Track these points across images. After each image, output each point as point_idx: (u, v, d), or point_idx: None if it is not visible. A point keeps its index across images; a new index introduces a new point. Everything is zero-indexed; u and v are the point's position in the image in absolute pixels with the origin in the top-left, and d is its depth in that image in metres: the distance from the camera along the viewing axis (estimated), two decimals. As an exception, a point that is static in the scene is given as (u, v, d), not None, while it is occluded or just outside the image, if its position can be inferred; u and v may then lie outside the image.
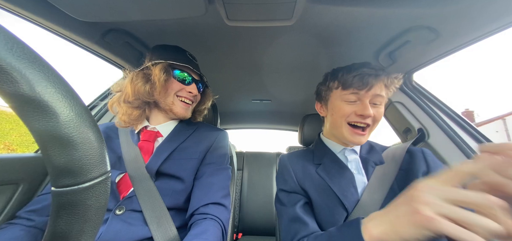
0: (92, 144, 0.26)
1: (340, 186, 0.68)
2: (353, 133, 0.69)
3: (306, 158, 0.81)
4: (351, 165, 0.74)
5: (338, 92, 0.73)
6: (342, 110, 0.71)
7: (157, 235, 0.62)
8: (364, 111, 0.66)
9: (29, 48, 0.23)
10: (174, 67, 0.75)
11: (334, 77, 0.73)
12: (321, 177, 0.71)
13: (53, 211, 0.26)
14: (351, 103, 0.70)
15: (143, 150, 0.73)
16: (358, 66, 0.69)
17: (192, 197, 0.71)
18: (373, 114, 0.67)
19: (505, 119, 13.60)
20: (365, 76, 0.66)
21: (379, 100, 0.69)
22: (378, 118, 0.69)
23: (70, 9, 0.64)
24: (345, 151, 0.76)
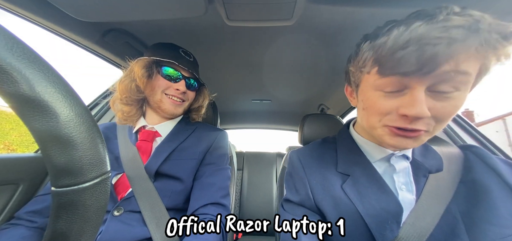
0: (92, 144, 0.26)
1: (378, 219, 0.46)
2: (395, 134, 0.44)
3: (326, 161, 0.59)
4: (398, 177, 0.51)
5: (372, 76, 0.45)
6: (377, 106, 0.45)
7: (156, 235, 0.61)
8: (410, 109, 0.39)
9: (29, 48, 0.23)
10: (162, 64, 0.73)
11: (371, 48, 0.44)
12: (349, 198, 0.50)
13: (53, 211, 0.26)
14: (393, 95, 0.43)
15: (141, 149, 0.73)
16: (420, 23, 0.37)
17: (192, 198, 0.71)
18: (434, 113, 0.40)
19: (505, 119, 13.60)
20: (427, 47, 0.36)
21: (455, 84, 0.38)
22: (443, 118, 0.41)
23: (70, 9, 0.64)
24: (393, 158, 0.52)
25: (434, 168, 0.51)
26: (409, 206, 0.48)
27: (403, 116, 0.41)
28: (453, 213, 0.45)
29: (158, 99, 0.74)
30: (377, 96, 0.45)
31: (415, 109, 0.39)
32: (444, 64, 0.36)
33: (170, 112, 0.76)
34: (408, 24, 0.38)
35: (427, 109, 0.39)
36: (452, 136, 0.91)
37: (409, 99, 0.40)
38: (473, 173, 0.48)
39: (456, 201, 0.46)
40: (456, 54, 0.36)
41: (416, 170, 0.51)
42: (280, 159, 2.00)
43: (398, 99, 0.42)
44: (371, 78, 0.45)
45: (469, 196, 0.46)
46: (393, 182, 0.51)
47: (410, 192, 0.50)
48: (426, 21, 0.37)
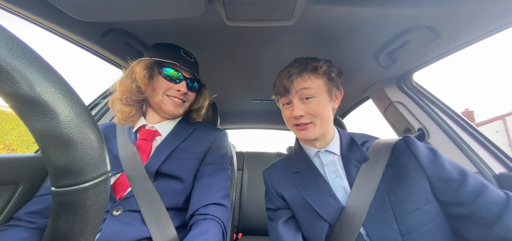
0: (92, 144, 0.26)
1: (316, 197, 0.64)
2: (298, 131, 0.69)
3: (286, 167, 0.79)
4: (328, 168, 0.68)
5: (279, 99, 0.74)
6: (285, 116, 0.73)
7: (156, 235, 0.61)
8: (294, 112, 0.66)
9: (29, 48, 0.23)
10: (163, 65, 0.73)
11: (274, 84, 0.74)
12: (298, 190, 0.69)
13: (53, 211, 0.26)
14: (287, 107, 0.71)
15: (140, 149, 0.73)
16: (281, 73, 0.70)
17: (192, 198, 0.71)
18: (306, 110, 0.65)
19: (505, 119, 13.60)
20: (283, 80, 0.67)
21: (308, 93, 0.65)
22: (314, 112, 0.65)
23: (70, 9, 0.64)
24: (320, 153, 0.71)
25: (361, 158, 0.66)
26: (342, 189, 0.64)
27: (294, 118, 0.67)
28: (382, 192, 0.59)
29: (159, 101, 0.74)
30: (283, 109, 0.74)
31: (294, 112, 0.66)
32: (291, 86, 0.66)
33: (171, 113, 0.76)
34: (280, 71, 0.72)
35: (301, 111, 0.65)
36: (452, 136, 0.91)
37: (292, 108, 0.67)
38: (400, 159, 0.61)
39: (385, 182, 0.60)
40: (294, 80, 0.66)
41: (346, 162, 0.67)
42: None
43: (289, 109, 0.69)
44: (280, 100, 0.74)
45: (394, 178, 0.59)
46: (324, 172, 0.69)
47: (339, 178, 0.66)
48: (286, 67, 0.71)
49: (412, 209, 0.54)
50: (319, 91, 0.66)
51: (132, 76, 0.72)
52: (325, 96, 0.67)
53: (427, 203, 0.54)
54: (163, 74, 0.73)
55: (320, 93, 0.66)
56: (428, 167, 0.57)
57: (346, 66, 1.04)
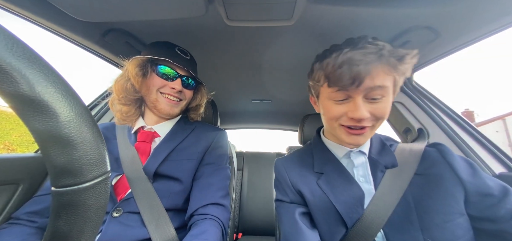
0: (92, 144, 0.26)
1: (346, 205, 0.57)
2: (349, 134, 0.57)
3: (304, 163, 0.71)
4: (358, 171, 0.62)
5: (325, 89, 0.58)
6: (331, 111, 0.58)
7: (156, 236, 0.61)
8: (355, 113, 0.53)
9: (29, 48, 0.23)
10: (157, 62, 0.72)
11: (320, 67, 0.58)
12: (323, 191, 0.61)
13: (53, 211, 0.26)
14: (341, 103, 0.56)
15: (140, 150, 0.73)
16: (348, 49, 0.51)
17: (191, 198, 0.71)
18: (371, 113, 0.54)
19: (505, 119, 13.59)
20: (353, 67, 0.49)
21: (380, 93, 0.52)
22: (380, 115, 0.54)
23: (70, 9, 0.64)
24: (351, 154, 0.64)
25: (389, 163, 0.61)
26: (368, 194, 0.58)
27: (351, 119, 0.55)
28: (408, 201, 0.54)
29: (154, 99, 0.73)
30: (331, 104, 0.58)
31: (358, 113, 0.53)
32: (366, 79, 0.50)
33: (166, 112, 0.75)
34: (341, 49, 0.53)
35: (366, 111, 0.53)
36: (452, 136, 0.91)
37: (353, 106, 0.54)
38: (432, 168, 0.57)
39: (411, 191, 0.55)
40: (371, 71, 0.50)
41: (373, 166, 0.61)
42: (280, 159, 2.00)
43: (345, 106, 0.56)
44: (325, 90, 0.59)
45: (424, 187, 0.55)
46: (354, 174, 0.62)
47: (368, 182, 0.60)
48: (352, 47, 0.51)
49: (443, 221, 0.50)
50: (390, 90, 0.54)
51: (126, 75, 0.72)
52: (392, 94, 0.56)
53: (460, 216, 0.51)
54: (157, 72, 0.72)
55: (390, 92, 0.54)
56: (468, 179, 0.52)
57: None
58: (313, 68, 0.63)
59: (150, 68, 0.72)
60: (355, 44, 0.52)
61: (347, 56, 0.50)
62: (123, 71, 0.74)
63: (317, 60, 0.61)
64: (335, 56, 0.53)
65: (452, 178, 0.53)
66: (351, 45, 0.52)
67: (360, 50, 0.50)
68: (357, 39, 0.54)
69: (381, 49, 0.50)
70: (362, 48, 0.51)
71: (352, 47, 0.51)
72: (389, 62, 0.50)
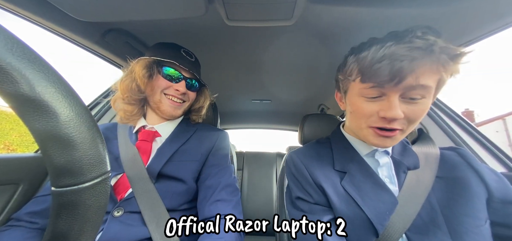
0: (92, 144, 0.26)
1: (377, 211, 0.52)
2: (377, 135, 0.53)
3: (323, 158, 0.64)
4: (382, 171, 0.58)
5: (357, 84, 0.53)
6: (361, 109, 0.53)
7: (156, 235, 0.61)
8: (388, 112, 0.48)
9: (29, 48, 0.23)
10: (163, 64, 0.72)
11: (355, 60, 0.53)
12: (349, 194, 0.55)
13: (53, 211, 0.26)
14: (373, 100, 0.51)
15: (140, 149, 0.73)
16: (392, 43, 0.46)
17: (199, 202, 0.72)
18: (406, 114, 0.48)
19: (505, 119, 13.59)
20: (395, 62, 0.44)
21: (420, 93, 0.47)
22: (415, 118, 0.49)
23: (70, 9, 0.64)
24: (376, 153, 0.59)
25: (412, 165, 0.58)
26: None
27: (383, 118, 0.50)
28: (432, 204, 0.52)
29: (157, 100, 0.74)
30: (361, 101, 0.53)
31: (392, 112, 0.47)
32: (408, 77, 0.45)
33: (169, 113, 0.75)
34: (383, 42, 0.47)
35: (401, 112, 0.48)
36: (452, 136, 0.91)
37: (387, 104, 0.49)
38: (455, 172, 0.54)
39: (435, 194, 0.53)
40: (416, 69, 0.44)
41: (396, 166, 0.58)
42: (280, 159, 2.00)
43: (378, 104, 0.51)
44: (356, 86, 0.54)
45: (449, 191, 0.52)
46: (378, 175, 0.58)
47: (393, 184, 0.56)
48: (396, 41, 0.46)
49: (474, 226, 0.47)
50: (432, 91, 0.49)
51: (132, 75, 0.72)
52: (433, 96, 0.50)
53: (486, 221, 0.49)
54: (163, 73, 0.72)
55: (432, 93, 0.49)
56: (494, 186, 0.51)
57: (346, 66, 1.04)
58: (346, 61, 0.57)
59: (155, 69, 0.73)
60: (400, 37, 0.47)
61: (390, 51, 0.45)
62: (128, 71, 0.74)
63: (352, 53, 0.55)
64: (376, 49, 0.47)
65: (477, 183, 0.51)
66: (396, 39, 0.47)
67: (405, 45, 0.45)
68: (404, 32, 0.48)
69: (432, 44, 0.44)
70: (409, 42, 0.45)
71: (397, 41, 0.46)
72: (439, 60, 0.44)
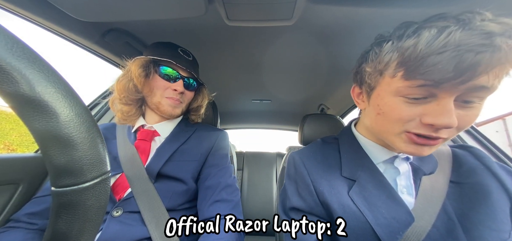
0: (92, 144, 0.26)
1: (389, 229, 0.44)
2: (412, 143, 0.42)
3: (329, 162, 0.57)
4: (400, 180, 0.50)
5: (396, 81, 0.41)
6: (398, 112, 0.42)
7: (156, 235, 0.61)
8: (439, 119, 0.37)
9: (29, 48, 0.23)
10: (160, 63, 0.72)
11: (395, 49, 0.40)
12: (357, 206, 0.47)
13: (53, 211, 0.26)
14: (416, 102, 0.40)
15: (139, 149, 0.73)
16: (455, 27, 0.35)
17: (199, 202, 0.72)
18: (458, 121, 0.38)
19: (505, 119, 13.58)
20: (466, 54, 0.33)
21: (481, 95, 0.37)
22: (464, 127, 0.40)
23: (70, 9, 0.64)
24: (396, 160, 0.51)
25: (429, 170, 0.51)
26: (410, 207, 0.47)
27: (429, 125, 0.39)
28: (449, 214, 0.45)
29: (157, 101, 0.73)
30: (398, 102, 0.42)
31: (444, 120, 0.37)
32: (482, 74, 0.33)
33: (168, 113, 0.75)
34: (440, 28, 0.35)
35: (456, 119, 0.37)
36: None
37: (436, 108, 0.38)
38: (471, 176, 0.47)
39: (450, 202, 0.46)
40: (498, 64, 0.33)
41: (414, 173, 0.51)
42: (280, 159, 2.00)
43: (422, 107, 0.40)
44: (393, 82, 0.41)
45: (467, 199, 0.45)
46: (396, 185, 0.50)
47: (410, 195, 0.49)
48: (461, 25, 0.34)
49: (499, 239, 0.41)
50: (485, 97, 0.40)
51: (128, 75, 0.72)
52: None
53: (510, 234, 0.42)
54: (160, 73, 0.72)
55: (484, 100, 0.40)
56: None
57: (346, 66, 1.04)
58: (382, 49, 0.43)
59: (152, 69, 0.72)
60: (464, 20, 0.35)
61: (456, 38, 0.33)
62: (125, 71, 0.74)
63: (389, 40, 0.42)
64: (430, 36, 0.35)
65: (498, 190, 0.45)
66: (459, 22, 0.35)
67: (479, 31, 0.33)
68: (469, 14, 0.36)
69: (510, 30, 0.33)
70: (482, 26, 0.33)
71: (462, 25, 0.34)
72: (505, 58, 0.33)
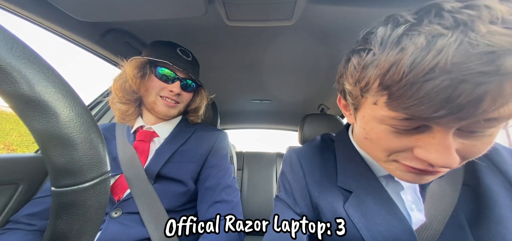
0: (92, 144, 0.26)
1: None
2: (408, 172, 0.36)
3: (325, 168, 0.51)
4: (406, 195, 0.43)
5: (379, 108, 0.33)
6: (383, 142, 0.36)
7: (155, 235, 0.61)
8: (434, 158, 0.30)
9: (29, 48, 0.23)
10: (156, 64, 0.71)
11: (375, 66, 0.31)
12: (353, 222, 0.42)
13: (53, 211, 0.26)
14: (406, 134, 0.32)
15: (138, 150, 0.72)
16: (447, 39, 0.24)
17: (199, 203, 0.72)
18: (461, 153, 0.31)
19: (505, 119, 13.58)
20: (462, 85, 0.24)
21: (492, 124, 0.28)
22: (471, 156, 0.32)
23: (70, 9, 0.64)
24: None
25: None
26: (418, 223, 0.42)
27: (423, 161, 0.32)
28: (460, 221, 0.39)
29: (152, 101, 0.73)
30: (385, 131, 0.34)
31: (439, 158, 0.29)
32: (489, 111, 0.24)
33: (163, 113, 0.74)
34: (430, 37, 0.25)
35: (457, 156, 0.29)
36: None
37: (431, 142, 0.30)
38: (481, 177, 0.41)
39: (462, 207, 0.40)
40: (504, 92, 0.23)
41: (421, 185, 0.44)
42: (280, 159, 2.00)
43: (414, 138, 0.32)
44: (377, 109, 0.33)
45: (478, 204, 0.40)
46: (402, 201, 0.43)
47: (420, 211, 0.42)
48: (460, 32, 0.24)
49: None
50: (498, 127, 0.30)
51: (124, 75, 0.72)
52: None
53: None
54: (157, 73, 0.71)
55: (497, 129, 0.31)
56: None
57: (346, 66, 1.04)
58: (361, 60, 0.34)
59: (149, 69, 0.71)
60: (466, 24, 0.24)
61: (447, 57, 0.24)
62: (121, 71, 0.74)
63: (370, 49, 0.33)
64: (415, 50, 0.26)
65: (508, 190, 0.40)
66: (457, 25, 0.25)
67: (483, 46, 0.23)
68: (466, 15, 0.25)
69: None
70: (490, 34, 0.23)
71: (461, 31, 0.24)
72: None
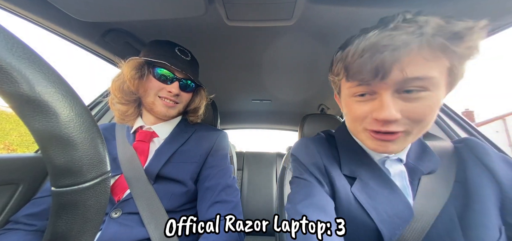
0: (92, 143, 0.26)
1: (391, 225, 0.45)
2: (373, 138, 0.45)
3: (332, 156, 0.57)
4: (396, 181, 0.50)
5: (345, 83, 0.48)
6: (353, 111, 0.47)
7: (155, 235, 0.61)
8: (379, 113, 0.41)
9: (29, 48, 0.23)
10: (155, 64, 0.70)
11: (341, 58, 0.46)
12: (360, 203, 0.48)
13: (53, 211, 0.26)
14: (364, 100, 0.44)
15: (138, 150, 0.72)
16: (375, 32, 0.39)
17: (199, 203, 0.72)
18: (405, 113, 0.40)
19: (505, 119, 13.59)
20: (376, 54, 0.38)
21: (418, 85, 0.39)
22: (419, 117, 0.41)
23: (70, 9, 0.64)
24: (387, 161, 0.51)
25: (428, 169, 0.50)
26: None
27: (376, 121, 0.43)
28: (451, 214, 0.44)
29: (151, 102, 0.72)
30: (352, 102, 0.47)
31: (383, 113, 0.40)
32: (393, 70, 0.38)
33: (162, 114, 0.74)
34: (366, 33, 0.41)
35: (395, 112, 0.40)
36: (452, 136, 0.91)
37: (378, 104, 0.42)
38: (467, 171, 0.47)
39: (454, 202, 0.45)
40: (400, 59, 0.37)
41: (411, 173, 0.50)
42: (280, 159, 2.00)
43: (370, 104, 0.44)
44: (345, 85, 0.48)
45: (465, 197, 0.45)
46: None
47: (407, 195, 0.48)
48: (380, 29, 0.39)
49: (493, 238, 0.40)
50: (439, 82, 0.39)
51: (122, 76, 0.71)
52: (444, 88, 0.41)
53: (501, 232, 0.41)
54: (155, 74, 0.70)
55: (438, 85, 0.39)
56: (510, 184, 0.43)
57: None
58: (334, 59, 0.51)
59: (147, 70, 0.71)
60: (386, 24, 0.40)
61: (371, 41, 0.38)
62: (119, 72, 0.73)
63: (339, 49, 0.49)
64: (358, 42, 0.41)
65: (490, 182, 0.44)
66: (381, 26, 0.40)
67: (389, 32, 0.38)
68: (391, 17, 0.41)
69: (421, 27, 0.36)
70: (394, 29, 0.38)
71: (381, 29, 0.39)
72: (433, 44, 0.36)
